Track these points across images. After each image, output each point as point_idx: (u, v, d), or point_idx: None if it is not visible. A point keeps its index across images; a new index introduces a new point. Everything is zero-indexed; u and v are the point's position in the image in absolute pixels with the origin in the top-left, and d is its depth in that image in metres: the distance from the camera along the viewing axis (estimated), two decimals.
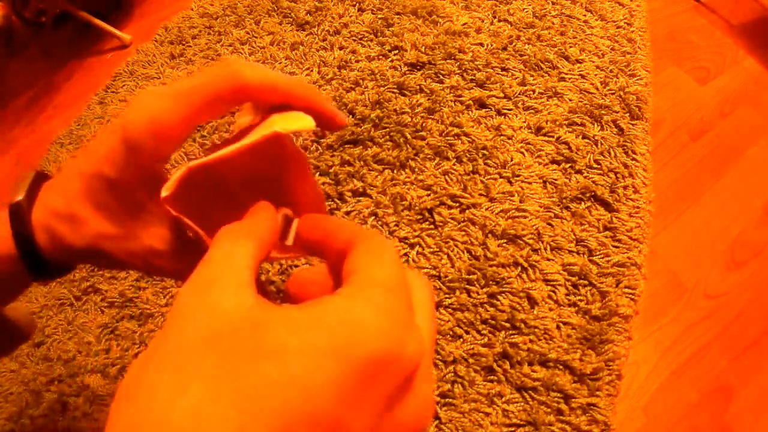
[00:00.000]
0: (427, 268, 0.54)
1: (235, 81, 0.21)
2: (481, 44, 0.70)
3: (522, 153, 0.61)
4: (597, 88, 0.65)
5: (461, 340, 0.51)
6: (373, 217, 0.58)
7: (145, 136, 0.21)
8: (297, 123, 0.21)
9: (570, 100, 0.64)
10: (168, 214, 0.22)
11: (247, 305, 0.15)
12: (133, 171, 0.23)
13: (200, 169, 0.21)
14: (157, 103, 0.21)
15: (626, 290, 0.53)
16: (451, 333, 0.51)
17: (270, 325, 0.14)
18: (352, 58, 0.72)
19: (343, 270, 0.18)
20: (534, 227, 0.55)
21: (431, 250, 0.55)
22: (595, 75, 0.66)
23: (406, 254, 0.55)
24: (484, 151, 0.61)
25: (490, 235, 0.55)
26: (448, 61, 0.69)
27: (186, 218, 0.21)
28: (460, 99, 0.65)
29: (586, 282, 0.53)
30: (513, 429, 0.47)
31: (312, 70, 0.72)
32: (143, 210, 0.24)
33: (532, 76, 0.67)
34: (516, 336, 0.50)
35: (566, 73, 0.67)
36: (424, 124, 0.63)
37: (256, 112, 0.24)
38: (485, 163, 0.60)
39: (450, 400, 0.48)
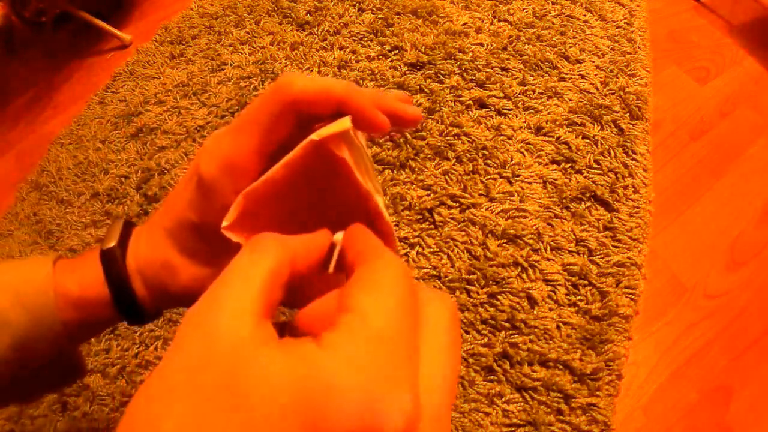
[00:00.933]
0: (427, 268, 0.54)
1: (284, 94, 0.21)
2: (481, 44, 0.70)
3: (522, 153, 0.61)
4: (597, 88, 0.65)
5: (461, 340, 0.51)
6: None
7: (218, 176, 0.22)
8: (333, 127, 0.20)
9: (570, 100, 0.64)
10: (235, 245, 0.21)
11: (241, 335, 0.13)
12: (215, 212, 0.22)
13: (254, 194, 0.20)
14: (224, 139, 0.22)
15: (626, 290, 0.53)
16: None
17: (251, 364, 0.13)
18: (352, 58, 0.72)
19: (338, 303, 0.15)
20: (534, 227, 0.55)
21: (431, 250, 0.55)
22: (595, 75, 0.66)
23: (406, 254, 0.55)
24: (484, 151, 0.61)
25: (490, 235, 0.55)
26: (448, 61, 0.69)
27: (243, 240, 0.21)
28: (460, 99, 0.65)
29: (586, 282, 0.53)
30: (513, 429, 0.47)
31: (312, 70, 0.72)
32: (231, 248, 0.24)
33: (532, 76, 0.67)
34: (516, 336, 0.50)
35: (566, 73, 0.67)
36: (424, 124, 0.63)
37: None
38: (485, 163, 0.60)
39: None
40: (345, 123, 0.20)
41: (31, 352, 0.26)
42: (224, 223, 0.20)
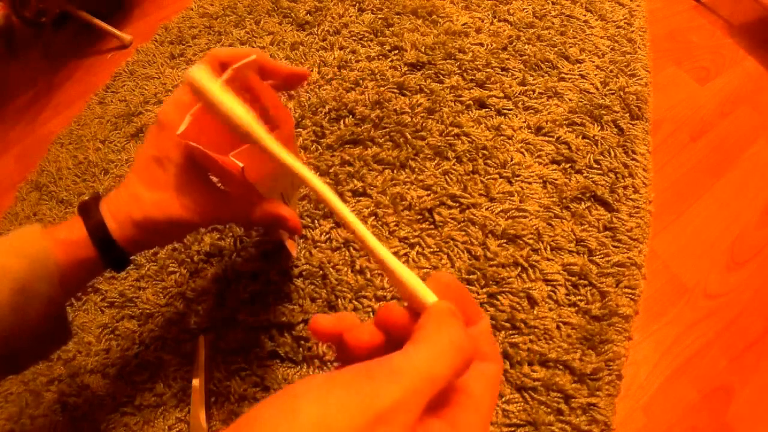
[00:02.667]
0: (427, 268, 0.54)
1: (217, 57, 0.32)
2: (481, 44, 0.70)
3: (522, 153, 0.61)
4: (597, 88, 0.65)
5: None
6: (373, 217, 0.58)
7: (172, 114, 0.31)
8: (245, 60, 0.32)
9: (570, 100, 0.64)
10: (187, 153, 0.32)
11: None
12: (170, 143, 0.32)
13: (198, 111, 0.31)
14: (177, 90, 0.33)
15: (626, 290, 0.53)
16: None
17: None
18: (352, 58, 0.72)
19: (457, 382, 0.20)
20: (534, 227, 0.55)
21: (431, 250, 0.55)
22: (595, 75, 0.66)
23: (406, 254, 0.55)
24: (484, 151, 0.61)
25: (490, 235, 0.55)
26: (448, 61, 0.69)
27: (200, 146, 0.30)
28: (460, 99, 0.65)
29: (586, 282, 0.53)
30: (513, 429, 0.47)
31: (312, 70, 0.72)
32: (179, 173, 0.32)
33: (532, 76, 0.67)
34: (516, 336, 0.50)
35: (566, 73, 0.67)
36: (424, 124, 0.63)
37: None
38: (485, 163, 0.60)
39: None
40: (251, 57, 0.33)
41: (30, 295, 0.30)
42: (178, 132, 0.30)
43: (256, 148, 0.28)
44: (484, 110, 0.64)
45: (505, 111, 0.64)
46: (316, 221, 0.58)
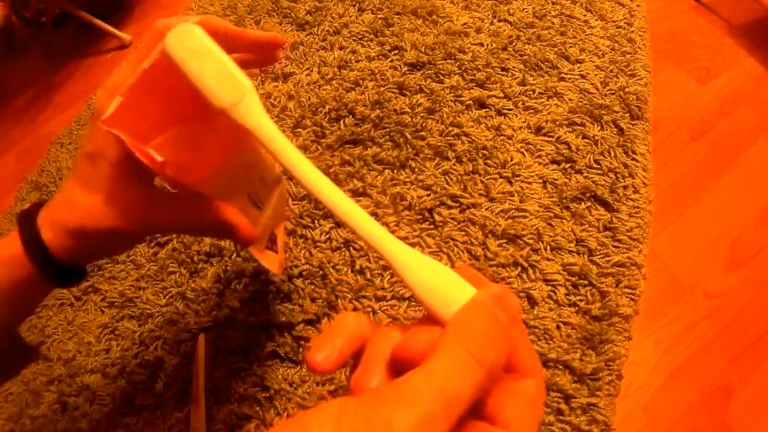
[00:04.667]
0: None
1: (159, 27, 0.25)
2: (481, 44, 0.70)
3: (522, 153, 0.61)
4: (597, 88, 0.65)
5: None
6: (373, 217, 0.58)
7: (105, 101, 0.24)
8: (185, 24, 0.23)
9: (570, 100, 0.64)
10: (124, 147, 0.24)
11: None
12: (101, 137, 0.25)
13: (130, 90, 0.23)
14: (115, 74, 0.25)
15: (626, 290, 0.53)
16: None
17: None
18: (352, 58, 0.72)
19: (490, 411, 0.18)
20: (534, 227, 0.55)
21: (431, 250, 0.55)
22: (595, 75, 0.66)
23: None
24: (484, 151, 0.61)
25: (490, 235, 0.55)
26: (448, 61, 0.69)
27: (121, 134, 0.23)
28: (460, 99, 0.65)
29: (586, 282, 0.53)
30: None
31: (312, 70, 0.72)
32: (114, 176, 0.26)
33: (532, 76, 0.67)
34: None
35: (566, 73, 0.67)
36: (424, 124, 0.63)
37: None
38: (485, 163, 0.60)
39: None
40: (194, 19, 0.23)
41: None
42: (102, 117, 0.22)
43: (199, 135, 0.23)
44: (484, 110, 0.64)
45: (505, 111, 0.64)
46: (316, 221, 0.58)
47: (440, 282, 0.19)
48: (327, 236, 0.57)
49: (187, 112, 0.25)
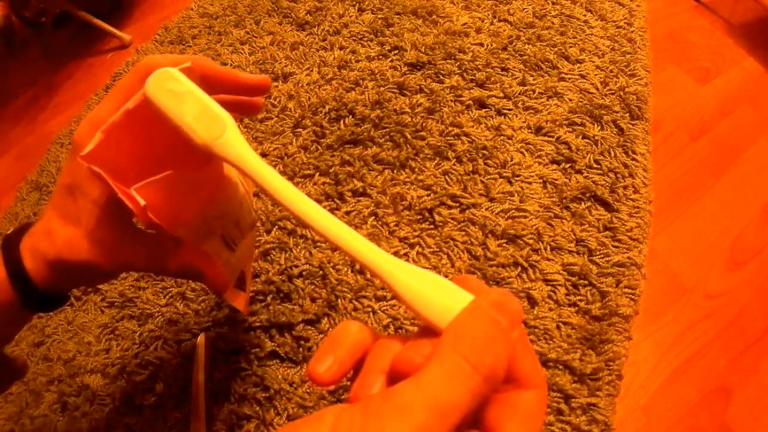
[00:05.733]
0: (428, 268, 0.54)
1: (146, 65, 0.25)
2: (481, 44, 0.70)
3: (522, 153, 0.61)
4: (597, 88, 0.65)
5: None
6: (373, 217, 0.58)
7: (86, 134, 0.24)
8: (177, 67, 0.24)
9: (570, 100, 0.64)
10: (94, 180, 0.24)
11: None
12: (81, 171, 0.25)
13: (111, 127, 0.23)
14: (97, 107, 0.26)
15: (626, 290, 0.53)
16: None
17: None
18: (352, 58, 0.72)
19: (487, 422, 0.17)
20: (534, 227, 0.55)
21: (431, 250, 0.55)
22: (595, 75, 0.66)
23: (406, 254, 0.55)
24: (484, 151, 0.61)
25: (490, 235, 0.55)
26: (448, 61, 0.69)
27: (103, 172, 0.23)
28: (460, 99, 0.65)
29: (586, 282, 0.53)
30: None
31: (312, 70, 0.72)
32: (92, 211, 0.26)
33: (532, 76, 0.67)
34: None
35: (566, 73, 0.67)
36: (424, 124, 0.63)
37: None
38: (485, 163, 0.60)
39: None
40: (186, 64, 0.24)
41: None
42: (82, 153, 0.23)
43: (180, 181, 0.24)
44: (484, 110, 0.64)
45: (505, 111, 0.64)
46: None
47: (436, 292, 0.19)
48: None
49: (169, 158, 0.25)
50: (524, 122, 0.63)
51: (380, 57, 0.71)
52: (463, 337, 0.16)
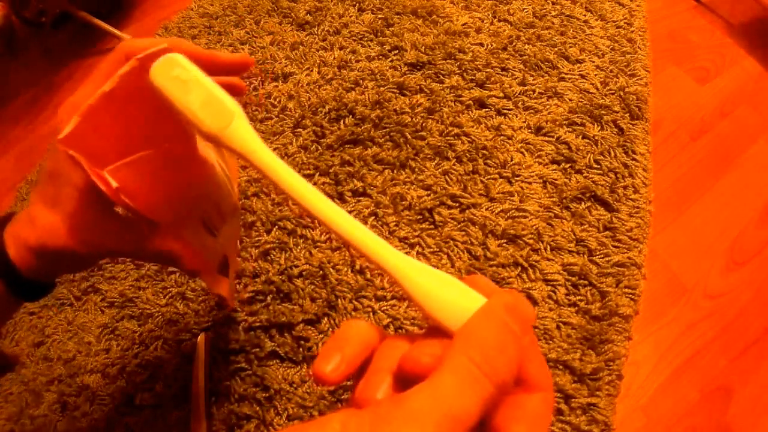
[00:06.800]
0: None
1: (125, 49, 0.25)
2: (481, 44, 0.70)
3: (522, 153, 0.61)
4: (597, 88, 0.65)
5: None
6: (373, 217, 0.58)
7: (66, 118, 0.24)
8: (153, 50, 0.23)
9: (570, 100, 0.64)
10: (73, 166, 0.24)
11: None
12: (62, 155, 0.25)
13: (89, 109, 0.23)
14: (77, 91, 0.25)
15: (626, 290, 0.53)
16: None
17: None
18: (352, 58, 0.72)
19: (496, 425, 0.17)
20: (534, 227, 0.55)
21: (431, 250, 0.55)
22: (595, 75, 0.66)
23: (406, 254, 0.55)
24: (484, 151, 0.61)
25: (490, 235, 0.55)
26: (448, 61, 0.69)
27: (77, 155, 0.23)
28: (460, 99, 0.65)
29: (586, 282, 0.53)
30: None
31: (312, 70, 0.72)
32: (72, 196, 0.26)
33: (532, 76, 0.67)
34: None
35: (566, 73, 0.67)
36: (424, 124, 0.63)
37: None
38: (485, 163, 0.60)
39: None
40: (161, 45, 0.23)
41: None
42: (59, 136, 0.22)
43: (157, 163, 0.23)
44: (484, 110, 0.64)
45: (505, 111, 0.64)
46: (316, 221, 0.58)
47: (447, 292, 0.18)
48: (327, 236, 0.57)
49: (148, 140, 0.24)
50: (524, 122, 0.63)
51: (380, 57, 0.71)
52: (475, 343, 0.16)
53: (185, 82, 0.21)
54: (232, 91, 0.31)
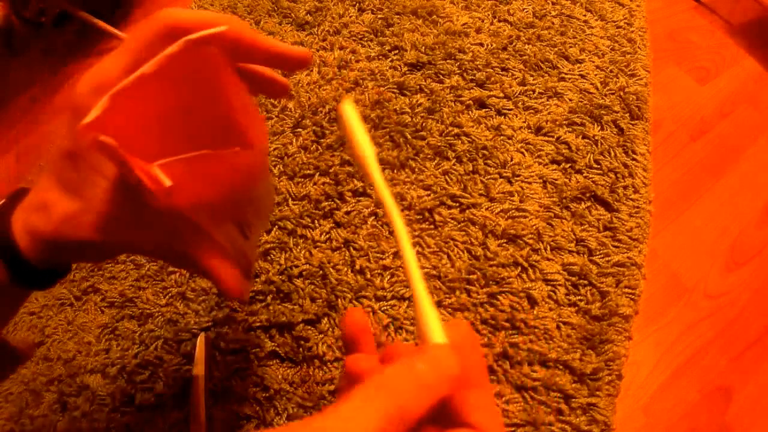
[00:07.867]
0: (428, 268, 0.54)
1: (167, 19, 0.21)
2: (481, 44, 0.70)
3: (522, 153, 0.61)
4: (597, 88, 0.65)
5: None
6: (373, 217, 0.58)
7: (88, 94, 0.21)
8: (209, 30, 0.20)
9: (570, 100, 0.64)
10: (95, 149, 0.20)
11: None
12: (87, 138, 0.21)
13: (122, 92, 0.19)
14: (99, 64, 0.22)
15: (626, 290, 0.53)
16: None
17: None
18: (352, 58, 0.72)
19: (457, 414, 0.21)
20: (534, 227, 0.55)
21: (431, 250, 0.55)
22: (595, 75, 0.66)
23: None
24: (484, 151, 0.61)
25: (490, 235, 0.55)
26: (448, 61, 0.69)
27: (115, 144, 0.19)
28: (460, 99, 0.65)
29: (586, 282, 0.53)
30: (513, 429, 0.47)
31: (312, 70, 0.72)
32: (98, 183, 0.23)
33: (532, 76, 0.67)
34: (516, 336, 0.50)
35: (566, 73, 0.67)
36: (424, 124, 0.63)
37: None
38: (485, 163, 0.60)
39: None
40: (221, 28, 0.20)
41: None
42: (85, 120, 0.19)
43: (205, 163, 0.21)
44: (484, 110, 0.64)
45: (505, 111, 0.64)
46: (316, 221, 0.58)
47: (434, 320, 0.23)
48: (327, 236, 0.57)
49: (189, 134, 0.22)
50: (524, 122, 0.63)
51: (380, 57, 0.71)
52: (388, 385, 0.18)
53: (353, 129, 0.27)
54: (276, 89, 0.29)
